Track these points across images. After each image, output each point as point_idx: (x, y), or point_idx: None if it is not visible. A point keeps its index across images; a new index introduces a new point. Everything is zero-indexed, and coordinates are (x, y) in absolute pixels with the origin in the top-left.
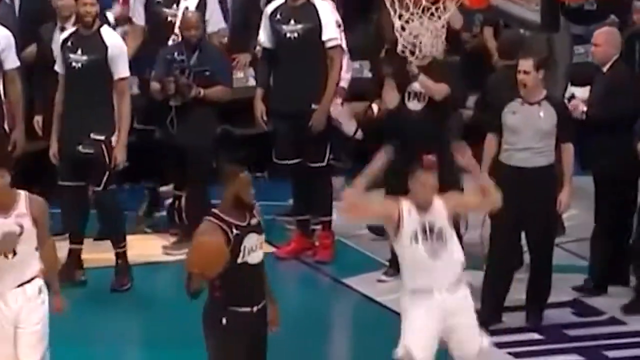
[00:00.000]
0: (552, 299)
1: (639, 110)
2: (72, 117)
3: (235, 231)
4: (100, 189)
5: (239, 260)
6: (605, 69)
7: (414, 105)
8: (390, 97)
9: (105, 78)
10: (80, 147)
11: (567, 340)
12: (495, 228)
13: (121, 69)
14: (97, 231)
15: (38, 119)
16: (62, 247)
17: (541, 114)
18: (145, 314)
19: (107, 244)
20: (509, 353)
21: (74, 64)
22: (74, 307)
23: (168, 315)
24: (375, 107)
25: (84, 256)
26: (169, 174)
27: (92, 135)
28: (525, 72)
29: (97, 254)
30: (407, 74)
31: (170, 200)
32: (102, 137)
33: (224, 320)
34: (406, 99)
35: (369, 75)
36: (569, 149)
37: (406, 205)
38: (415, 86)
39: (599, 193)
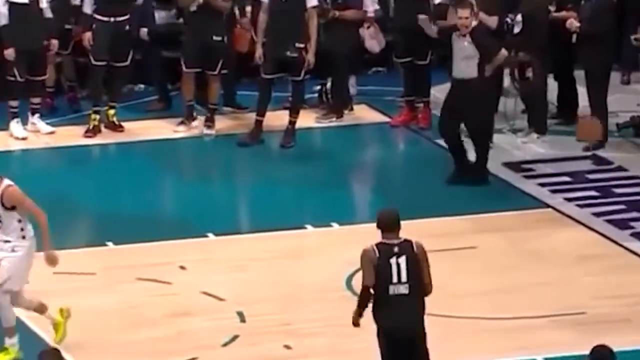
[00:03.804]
0: (576, 153)
1: (621, 25)
2: (281, 32)
3: None
4: (300, 78)
5: None
6: None
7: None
8: (454, 20)
9: (302, 6)
10: (288, 52)
11: (588, 181)
12: (441, 121)
13: (312, 0)
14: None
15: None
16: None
17: (466, 43)
18: (304, 164)
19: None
20: (549, 190)
21: None
22: (256, 159)
23: (321, 164)
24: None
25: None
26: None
27: (296, 45)
28: (466, 18)
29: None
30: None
31: (318, 87)
32: (302, 45)
33: None
34: None
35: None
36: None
37: None
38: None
39: (592, 81)
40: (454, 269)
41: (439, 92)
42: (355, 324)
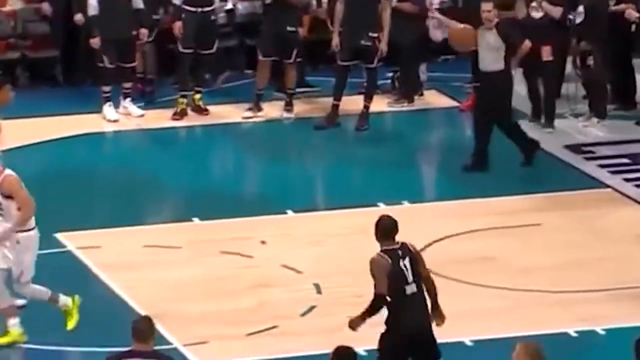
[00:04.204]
0: (634, 137)
1: None
2: (356, 22)
3: None
4: (373, 66)
5: None
6: None
7: (536, 13)
8: (521, 10)
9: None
10: (362, 41)
11: None
12: (474, 112)
13: None
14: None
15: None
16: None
17: (491, 36)
18: (377, 146)
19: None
20: (608, 171)
21: None
22: (332, 141)
23: (393, 146)
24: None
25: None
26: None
27: (370, 34)
28: (489, 11)
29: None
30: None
31: (391, 74)
32: (376, 35)
33: None
34: (530, 11)
35: None
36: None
37: None
38: (535, 4)
39: None
40: (520, 245)
41: None
42: (354, 328)
